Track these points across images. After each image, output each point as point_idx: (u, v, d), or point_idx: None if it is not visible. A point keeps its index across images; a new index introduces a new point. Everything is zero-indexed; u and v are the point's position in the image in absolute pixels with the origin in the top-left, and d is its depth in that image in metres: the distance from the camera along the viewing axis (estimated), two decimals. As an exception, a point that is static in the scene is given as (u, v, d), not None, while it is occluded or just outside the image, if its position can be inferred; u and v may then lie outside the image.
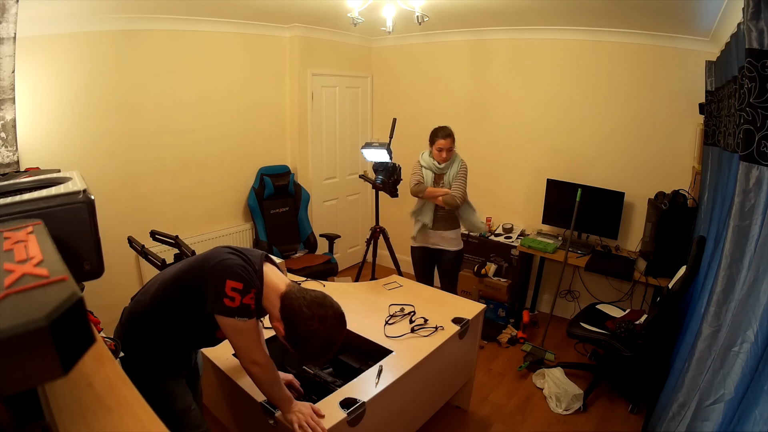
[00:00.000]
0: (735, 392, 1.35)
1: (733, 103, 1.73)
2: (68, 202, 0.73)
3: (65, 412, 0.60)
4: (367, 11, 2.45)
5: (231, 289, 1.26)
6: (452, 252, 2.94)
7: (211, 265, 1.31)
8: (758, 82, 1.36)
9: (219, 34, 3.22)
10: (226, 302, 1.25)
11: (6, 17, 1.77)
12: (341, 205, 4.33)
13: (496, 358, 3.04)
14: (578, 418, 2.45)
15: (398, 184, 3.00)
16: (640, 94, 3.08)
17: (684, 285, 2.15)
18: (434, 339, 1.95)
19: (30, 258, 0.51)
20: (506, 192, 3.77)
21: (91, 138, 2.71)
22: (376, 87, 4.33)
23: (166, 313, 1.40)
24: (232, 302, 1.26)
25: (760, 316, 1.29)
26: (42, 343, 0.37)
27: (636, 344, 2.37)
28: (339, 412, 1.47)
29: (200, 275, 1.32)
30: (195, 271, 1.35)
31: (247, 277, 1.29)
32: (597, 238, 3.29)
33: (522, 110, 3.56)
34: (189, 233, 3.23)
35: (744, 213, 1.47)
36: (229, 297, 1.25)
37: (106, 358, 0.75)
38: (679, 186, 2.77)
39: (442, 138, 2.74)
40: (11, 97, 2.00)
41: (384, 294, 2.41)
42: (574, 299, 3.52)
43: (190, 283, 1.35)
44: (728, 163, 1.82)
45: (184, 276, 1.37)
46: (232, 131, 3.45)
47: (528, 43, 3.41)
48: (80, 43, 2.57)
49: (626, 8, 2.58)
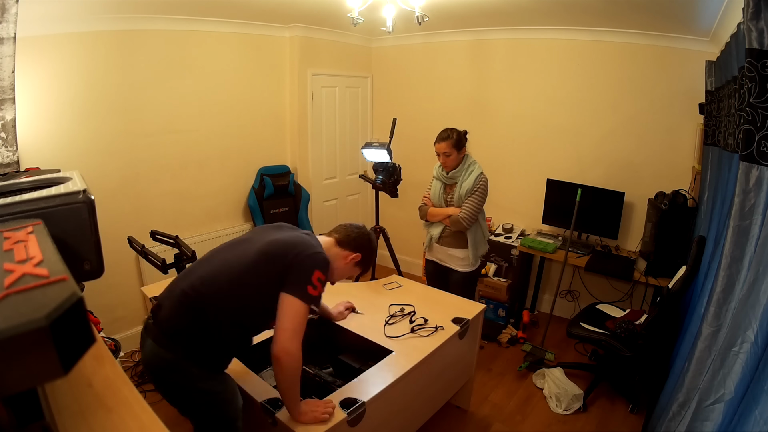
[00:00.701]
0: (735, 392, 1.35)
1: (733, 103, 1.73)
2: (68, 202, 0.73)
3: (65, 412, 0.60)
4: (367, 11, 2.45)
5: (317, 278, 1.37)
6: (460, 273, 2.64)
7: (306, 253, 1.40)
8: (758, 82, 1.36)
9: (219, 34, 3.22)
10: (310, 290, 1.35)
11: (6, 17, 1.77)
12: (341, 205, 4.33)
13: (496, 358, 3.04)
14: (578, 418, 2.45)
15: (398, 184, 3.00)
16: (640, 94, 3.08)
17: (684, 285, 2.15)
18: (434, 339, 1.95)
19: (30, 258, 0.51)
20: (506, 192, 3.76)
21: (91, 138, 2.71)
22: (376, 87, 4.33)
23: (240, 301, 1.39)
24: (314, 290, 1.37)
25: (760, 316, 1.29)
26: (42, 343, 0.37)
27: (636, 344, 2.37)
28: (339, 412, 1.47)
29: (287, 256, 1.39)
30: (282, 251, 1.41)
31: (328, 272, 1.45)
32: (597, 238, 3.29)
33: (522, 110, 3.56)
34: (189, 233, 3.23)
35: (744, 213, 1.47)
36: (313, 285, 1.36)
37: (106, 358, 0.75)
38: (679, 186, 2.77)
39: (438, 142, 2.52)
40: (11, 97, 2.01)
41: (384, 294, 2.41)
42: (574, 299, 3.52)
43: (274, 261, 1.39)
44: (728, 163, 1.82)
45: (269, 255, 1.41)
46: (231, 131, 3.44)
47: (528, 43, 3.41)
48: (80, 43, 2.57)
49: (626, 8, 2.58)
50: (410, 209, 4.32)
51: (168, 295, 1.42)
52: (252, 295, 1.39)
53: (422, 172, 4.10)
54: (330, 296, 2.35)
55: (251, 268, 1.39)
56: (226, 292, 1.38)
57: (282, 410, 1.45)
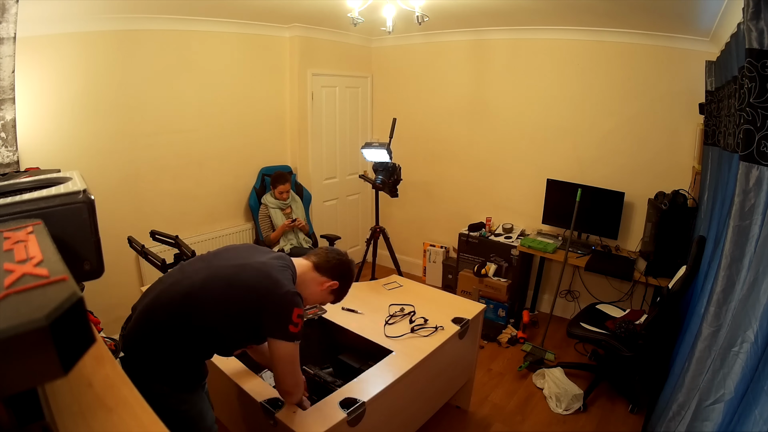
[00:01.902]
0: (735, 392, 1.35)
1: (733, 103, 1.73)
2: (68, 202, 0.73)
3: (65, 412, 0.60)
4: (367, 11, 2.45)
5: (297, 316, 1.34)
6: None
7: (278, 295, 1.33)
8: (758, 82, 1.36)
9: (219, 34, 3.22)
10: (291, 329, 1.33)
11: (6, 17, 1.77)
12: (341, 205, 4.33)
13: (496, 358, 3.04)
14: (578, 418, 2.45)
15: (398, 184, 3.00)
16: (640, 94, 3.08)
17: (684, 285, 2.15)
18: (434, 339, 1.95)
19: (30, 258, 0.51)
20: (506, 192, 3.77)
21: (91, 138, 2.71)
22: (376, 87, 4.33)
23: (201, 332, 1.33)
24: (295, 328, 1.34)
25: (760, 316, 1.29)
26: (42, 343, 0.37)
27: (636, 344, 2.37)
28: (339, 412, 1.47)
29: (259, 300, 1.32)
30: (251, 295, 1.34)
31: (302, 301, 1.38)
32: (597, 238, 3.29)
33: (522, 110, 3.56)
34: (189, 233, 3.23)
35: (744, 213, 1.47)
36: (293, 323, 1.33)
37: (106, 358, 0.75)
38: (679, 186, 2.77)
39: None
40: (11, 97, 2.00)
41: (384, 294, 2.41)
42: (574, 299, 3.52)
43: (245, 307, 1.33)
44: (728, 163, 1.82)
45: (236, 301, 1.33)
46: (232, 131, 3.45)
47: (528, 43, 3.41)
48: (80, 43, 2.57)
49: (626, 8, 2.58)
50: (410, 209, 4.34)
51: (136, 309, 1.43)
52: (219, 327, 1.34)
53: (422, 172, 4.12)
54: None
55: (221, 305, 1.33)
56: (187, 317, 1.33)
57: (282, 410, 1.45)
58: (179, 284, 1.37)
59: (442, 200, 4.11)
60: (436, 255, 4.10)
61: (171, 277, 1.44)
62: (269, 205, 3.33)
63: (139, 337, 1.35)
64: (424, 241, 4.25)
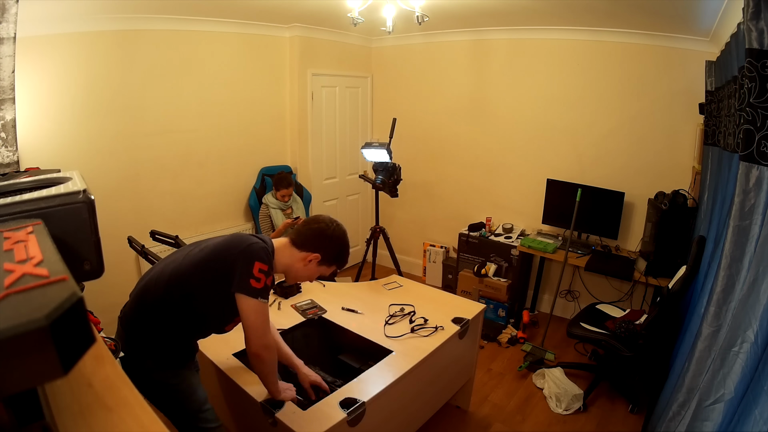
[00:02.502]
0: (735, 392, 1.35)
1: (733, 103, 1.73)
2: (68, 202, 0.73)
3: (65, 412, 0.60)
4: (367, 11, 2.45)
5: (258, 270, 1.33)
6: None
7: (241, 249, 1.36)
8: (758, 82, 1.36)
9: (219, 34, 3.22)
10: (253, 283, 1.32)
11: (6, 17, 1.77)
12: (341, 205, 4.33)
13: (496, 358, 3.04)
14: (578, 418, 2.45)
15: (398, 184, 3.00)
16: (640, 94, 3.08)
17: (684, 285, 2.15)
18: (434, 339, 1.95)
19: (30, 258, 0.51)
20: (506, 192, 3.77)
21: (91, 138, 2.71)
22: (376, 87, 4.33)
23: (184, 301, 1.39)
24: (257, 283, 1.32)
25: (760, 316, 1.29)
26: (42, 343, 0.37)
27: (636, 344, 2.37)
28: (339, 412, 1.47)
29: (228, 258, 1.36)
30: (222, 254, 1.38)
31: (270, 260, 1.38)
32: (597, 238, 3.29)
33: (522, 110, 3.56)
34: (189, 233, 3.22)
35: (744, 213, 1.47)
36: (255, 278, 1.32)
37: (106, 358, 0.75)
38: (679, 186, 2.77)
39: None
40: (11, 97, 2.00)
41: (384, 294, 2.41)
42: (574, 299, 3.52)
43: (216, 267, 1.37)
44: (728, 163, 1.82)
45: (210, 261, 1.39)
46: (232, 131, 3.45)
47: (528, 43, 3.41)
48: (80, 43, 2.57)
49: (626, 8, 2.58)
50: (410, 209, 4.34)
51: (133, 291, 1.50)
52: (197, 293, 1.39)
53: (422, 172, 4.12)
54: (330, 297, 2.35)
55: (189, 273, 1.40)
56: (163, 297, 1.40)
57: (282, 410, 1.46)
58: (173, 263, 1.46)
59: (442, 200, 4.11)
60: (436, 255, 4.10)
61: (167, 258, 1.53)
62: (270, 205, 3.33)
63: (133, 315, 1.44)
64: (424, 241, 4.26)
